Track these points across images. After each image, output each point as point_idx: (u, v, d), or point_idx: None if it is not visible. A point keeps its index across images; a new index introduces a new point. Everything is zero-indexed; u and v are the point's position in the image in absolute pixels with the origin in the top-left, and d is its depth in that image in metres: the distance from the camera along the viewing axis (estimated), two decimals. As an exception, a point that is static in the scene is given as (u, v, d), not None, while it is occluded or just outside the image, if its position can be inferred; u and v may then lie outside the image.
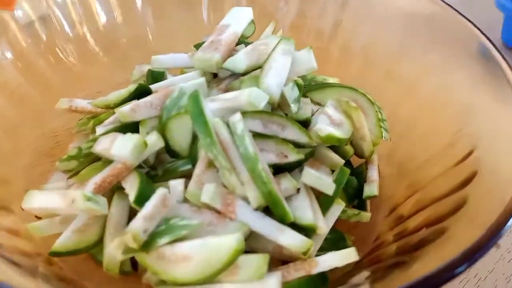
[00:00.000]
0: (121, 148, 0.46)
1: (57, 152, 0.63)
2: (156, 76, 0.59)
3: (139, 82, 0.56)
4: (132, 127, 0.52)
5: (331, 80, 0.66)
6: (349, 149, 0.56)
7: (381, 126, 0.58)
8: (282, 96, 0.50)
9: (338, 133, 0.51)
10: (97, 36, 0.71)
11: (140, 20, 0.75)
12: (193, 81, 0.52)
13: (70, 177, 0.55)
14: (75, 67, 0.70)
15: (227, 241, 0.40)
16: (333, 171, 0.53)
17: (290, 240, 0.43)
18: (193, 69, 0.59)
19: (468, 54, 0.57)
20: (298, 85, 0.52)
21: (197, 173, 0.46)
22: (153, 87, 0.56)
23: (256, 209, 0.44)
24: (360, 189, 0.56)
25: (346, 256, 0.44)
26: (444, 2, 0.63)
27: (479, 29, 0.56)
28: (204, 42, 0.64)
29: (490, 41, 0.53)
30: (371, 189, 0.55)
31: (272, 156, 0.47)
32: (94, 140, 0.52)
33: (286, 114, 0.52)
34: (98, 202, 0.45)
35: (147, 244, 0.41)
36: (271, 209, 0.44)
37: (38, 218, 0.52)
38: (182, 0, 0.76)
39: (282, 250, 0.45)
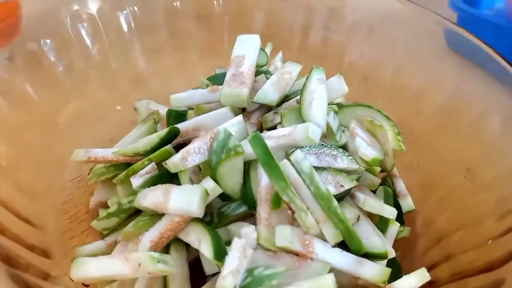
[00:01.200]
0: (185, 202, 0.44)
1: (70, 207, 0.59)
2: (179, 116, 0.57)
3: (170, 125, 0.53)
4: (168, 175, 0.50)
5: (338, 100, 0.67)
6: (376, 167, 0.58)
7: (398, 140, 0.61)
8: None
9: (378, 155, 0.53)
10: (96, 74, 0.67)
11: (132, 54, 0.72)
12: (233, 120, 0.51)
13: (106, 236, 0.51)
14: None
15: (323, 284, 0.39)
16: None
17: (370, 271, 0.44)
18: (213, 104, 0.58)
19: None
20: (335, 112, 0.53)
21: (265, 217, 0.45)
22: (180, 127, 0.54)
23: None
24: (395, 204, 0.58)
25: (421, 277, 0.45)
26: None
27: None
28: (218, 74, 0.63)
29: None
30: (408, 204, 0.57)
31: (331, 187, 0.47)
32: (134, 193, 0.49)
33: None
34: (166, 262, 0.43)
35: (238, 300, 0.40)
36: (347, 243, 0.44)
37: (85, 285, 0.48)
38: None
39: (357, 281, 0.46)
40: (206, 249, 0.42)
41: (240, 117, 0.51)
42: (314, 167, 0.47)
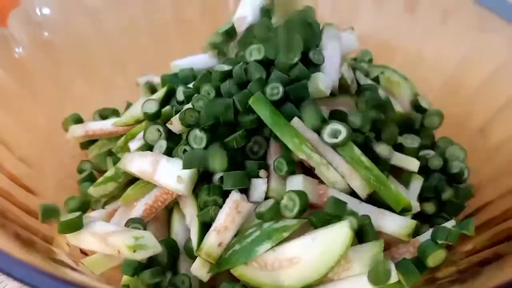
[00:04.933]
0: (172, 178, 0.40)
1: (73, 183, 0.55)
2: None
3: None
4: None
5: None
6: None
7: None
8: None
9: (401, 109, 0.49)
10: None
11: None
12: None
13: (106, 204, 0.48)
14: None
15: (339, 230, 0.35)
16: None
17: (394, 225, 0.39)
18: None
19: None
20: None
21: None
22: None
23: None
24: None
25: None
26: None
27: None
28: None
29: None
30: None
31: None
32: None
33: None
34: (145, 246, 0.37)
35: (245, 254, 0.36)
36: (380, 195, 0.39)
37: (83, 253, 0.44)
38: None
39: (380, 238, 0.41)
40: (193, 237, 0.39)
41: None
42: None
